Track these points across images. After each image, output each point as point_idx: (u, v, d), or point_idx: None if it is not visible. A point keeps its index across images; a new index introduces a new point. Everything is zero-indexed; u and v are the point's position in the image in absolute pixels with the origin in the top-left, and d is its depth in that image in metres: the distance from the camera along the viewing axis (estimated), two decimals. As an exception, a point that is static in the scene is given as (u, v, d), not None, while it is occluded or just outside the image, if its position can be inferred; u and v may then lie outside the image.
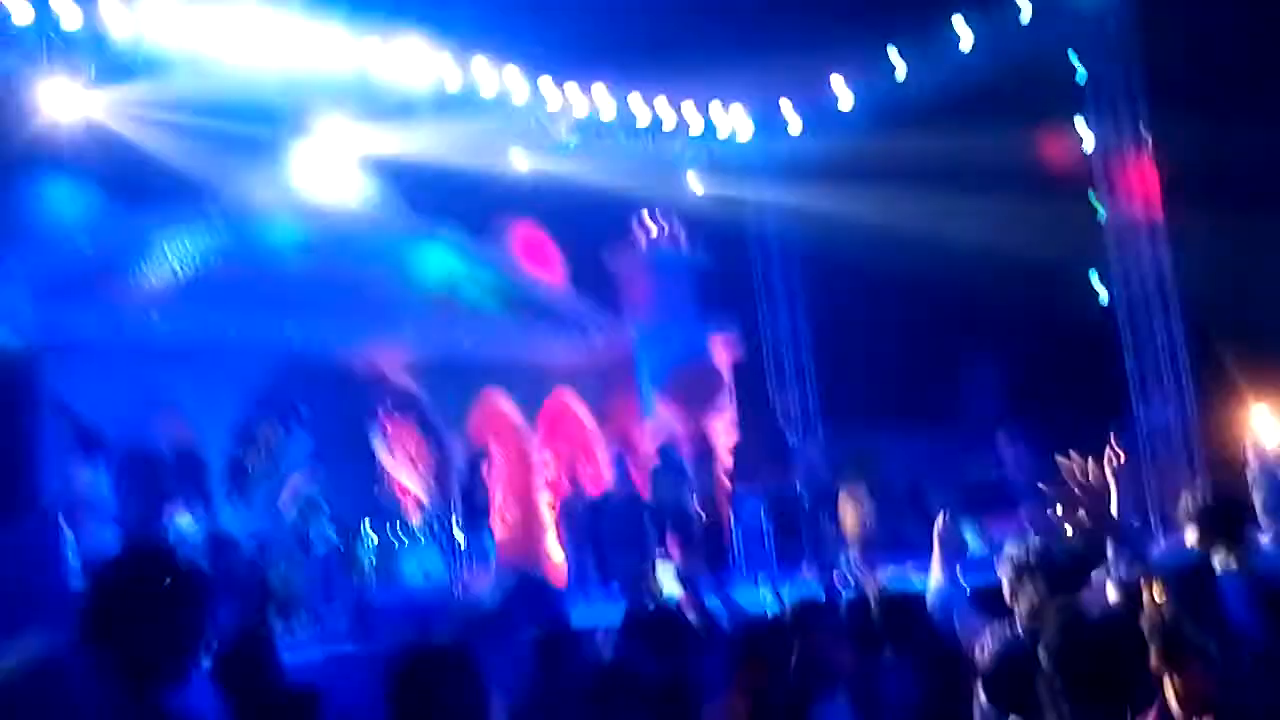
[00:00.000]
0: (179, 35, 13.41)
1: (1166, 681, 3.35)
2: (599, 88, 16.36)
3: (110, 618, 2.75)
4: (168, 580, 2.85)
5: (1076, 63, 15.21)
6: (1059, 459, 7.75)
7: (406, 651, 3.60)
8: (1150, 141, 14.86)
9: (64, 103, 12.93)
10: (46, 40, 12.84)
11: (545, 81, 15.98)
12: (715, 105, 17.67)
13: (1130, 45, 14.95)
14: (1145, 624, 3.59)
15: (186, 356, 13.40)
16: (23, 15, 12.39)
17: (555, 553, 15.54)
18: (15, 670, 2.65)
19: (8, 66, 12.73)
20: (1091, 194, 15.36)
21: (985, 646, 4.40)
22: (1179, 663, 3.27)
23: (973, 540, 13.77)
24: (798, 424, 18.34)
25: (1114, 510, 6.06)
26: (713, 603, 5.95)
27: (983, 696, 3.80)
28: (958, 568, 5.18)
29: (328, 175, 15.21)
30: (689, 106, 17.46)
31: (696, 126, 17.78)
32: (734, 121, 18.04)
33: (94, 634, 2.73)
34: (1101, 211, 15.22)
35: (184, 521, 12.09)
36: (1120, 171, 15.10)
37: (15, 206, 13.13)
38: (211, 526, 11.83)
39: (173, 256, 13.90)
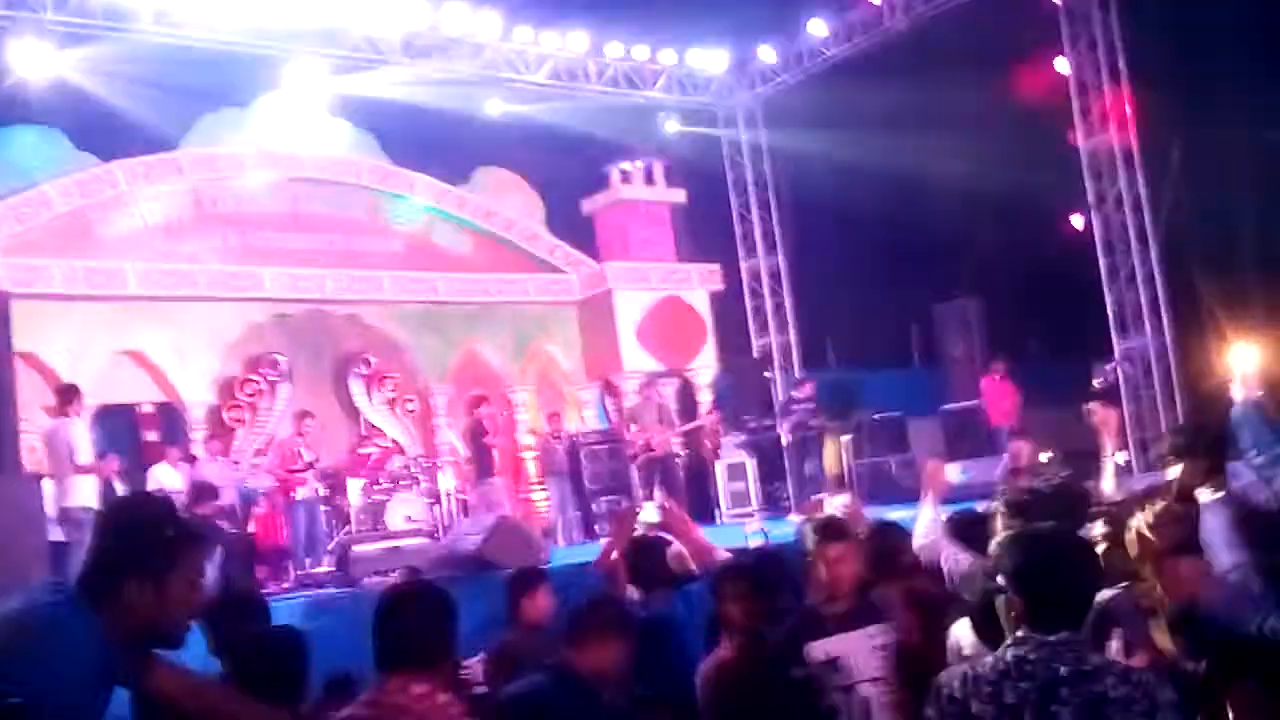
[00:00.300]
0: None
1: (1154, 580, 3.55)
2: (576, 34, 16.22)
3: (114, 571, 2.73)
4: (170, 532, 2.83)
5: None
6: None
7: (390, 589, 3.73)
8: (1126, 71, 14.78)
9: (33, 59, 12.78)
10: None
11: (523, 30, 15.85)
12: (693, 50, 17.53)
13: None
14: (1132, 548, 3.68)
15: (161, 307, 13.31)
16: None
17: (536, 494, 15.59)
18: (18, 625, 2.61)
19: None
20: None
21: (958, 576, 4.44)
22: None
23: (957, 478, 13.88)
24: (775, 365, 18.36)
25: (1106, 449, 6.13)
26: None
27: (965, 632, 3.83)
28: (940, 508, 5.19)
29: (303, 123, 15.05)
30: (667, 53, 17.33)
31: (674, 70, 17.67)
32: (710, 63, 17.91)
33: (97, 588, 2.72)
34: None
35: (163, 473, 12.07)
36: (1097, 102, 15.03)
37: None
38: (192, 476, 11.80)
39: (143, 206, 13.75)
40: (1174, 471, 4.40)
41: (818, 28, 17.01)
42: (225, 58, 14.26)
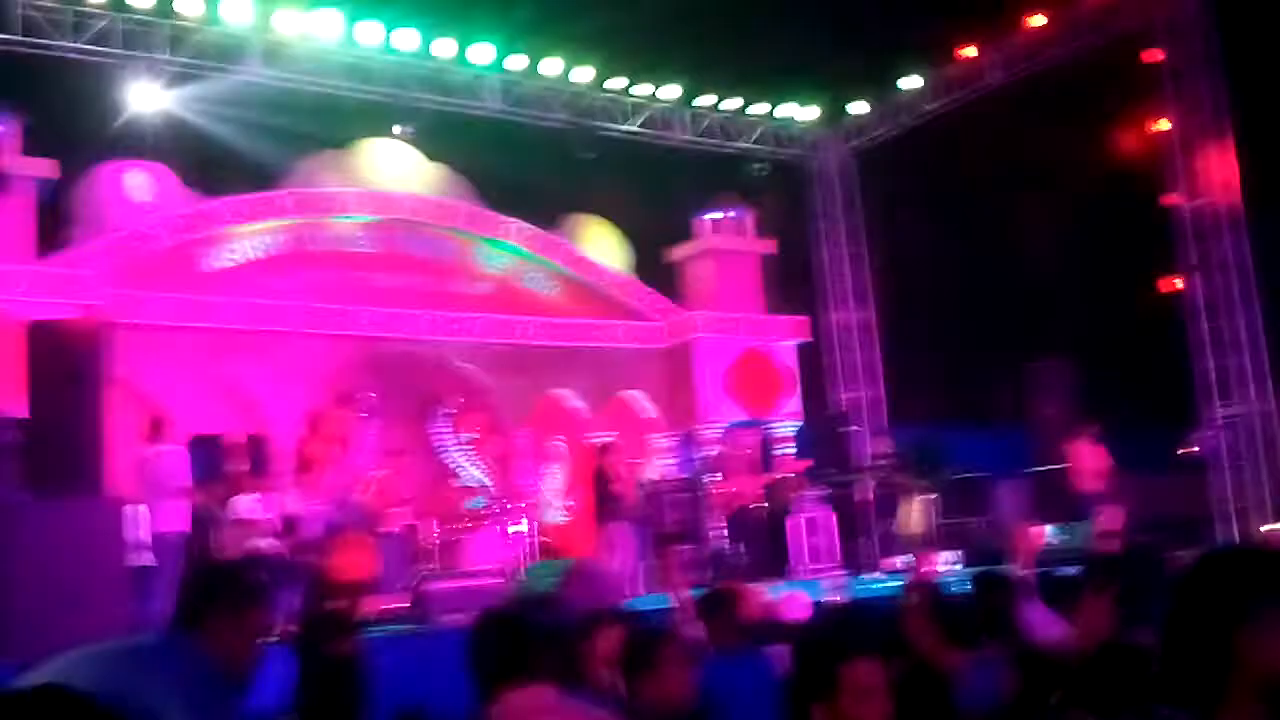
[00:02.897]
0: (254, 25, 13.71)
1: None
2: (670, 85, 16.39)
3: (202, 612, 3.02)
4: (254, 586, 3.14)
5: (1154, 48, 14.84)
6: None
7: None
8: (1233, 130, 14.47)
9: (146, 98, 13.27)
10: (123, 30, 13.21)
11: (618, 79, 16.07)
12: (786, 104, 17.61)
13: (1210, 29, 14.59)
14: None
15: (257, 341, 13.62)
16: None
17: (615, 541, 15.52)
18: (118, 651, 2.86)
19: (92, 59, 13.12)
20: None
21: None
22: None
23: (1050, 540, 13.59)
24: (862, 419, 18.17)
25: None
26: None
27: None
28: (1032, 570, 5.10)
29: (400, 165, 15.38)
30: (759, 105, 17.43)
31: (766, 122, 17.75)
32: (803, 116, 17.96)
33: (188, 622, 3.01)
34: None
35: (248, 503, 12.27)
36: (1200, 162, 14.71)
37: (97, 193, 13.49)
38: (278, 508, 11.98)
39: (245, 242, 14.13)
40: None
41: (911, 82, 16.96)
42: (329, 100, 14.70)
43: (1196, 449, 14.54)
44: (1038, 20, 15.50)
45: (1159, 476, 15.60)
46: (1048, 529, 14.03)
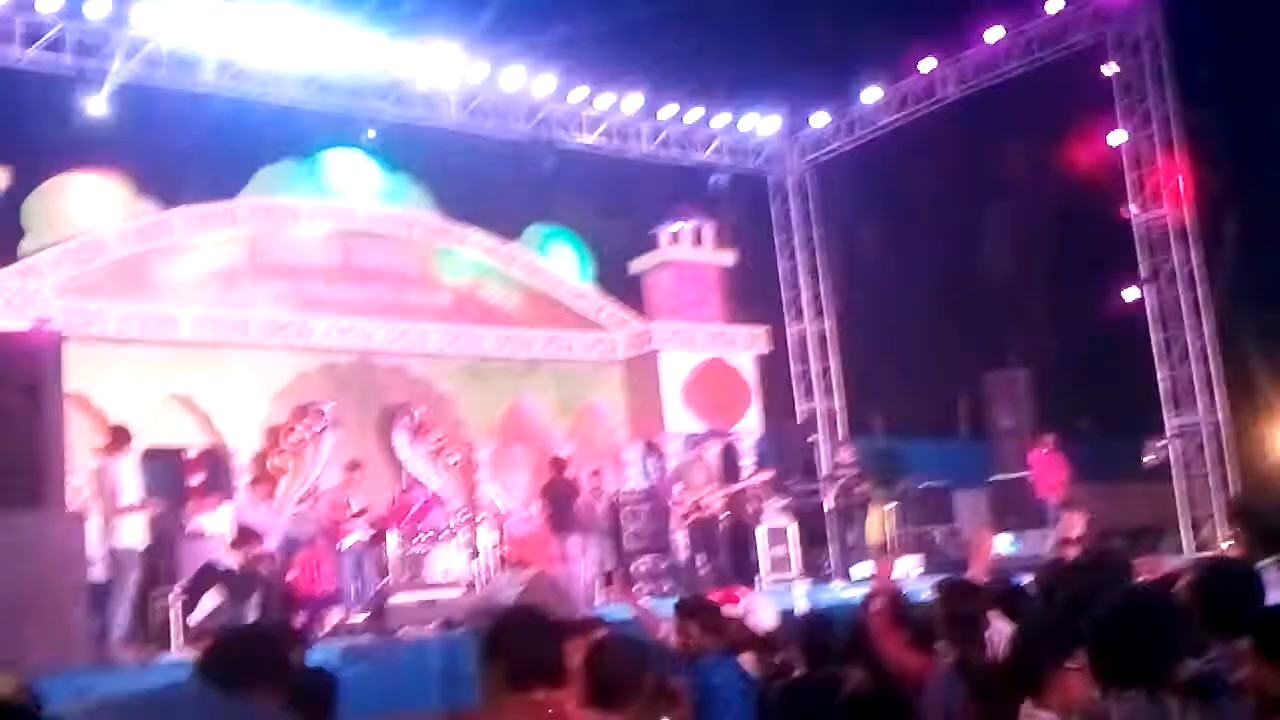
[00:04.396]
0: (210, 36, 13.58)
1: None
2: (631, 96, 16.41)
3: (240, 679, 3.16)
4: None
5: (1107, 62, 15.03)
6: None
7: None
8: (1181, 144, 14.66)
9: (98, 106, 13.10)
10: (77, 40, 13.05)
11: (578, 90, 16.06)
12: (747, 115, 17.69)
13: (1160, 43, 14.79)
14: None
15: (211, 352, 13.46)
16: (49, 5, 12.62)
17: (574, 552, 15.47)
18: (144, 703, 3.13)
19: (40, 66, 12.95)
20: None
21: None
22: None
23: (1006, 549, 13.69)
24: (822, 429, 18.23)
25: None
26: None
27: None
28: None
29: (358, 176, 15.28)
30: (720, 117, 17.49)
31: (726, 134, 17.82)
32: (763, 128, 18.05)
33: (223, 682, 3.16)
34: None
35: (208, 517, 12.12)
36: (1151, 175, 14.90)
37: (49, 203, 13.29)
38: (235, 520, 11.84)
39: (200, 253, 13.97)
40: (1233, 544, 4.32)
41: (873, 95, 17.07)
42: (286, 111, 14.59)
43: (1152, 458, 14.70)
44: (995, 34, 15.66)
45: (1120, 485, 15.79)
46: (1007, 537, 14.15)
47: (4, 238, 12.76)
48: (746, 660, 5.36)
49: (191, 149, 14.00)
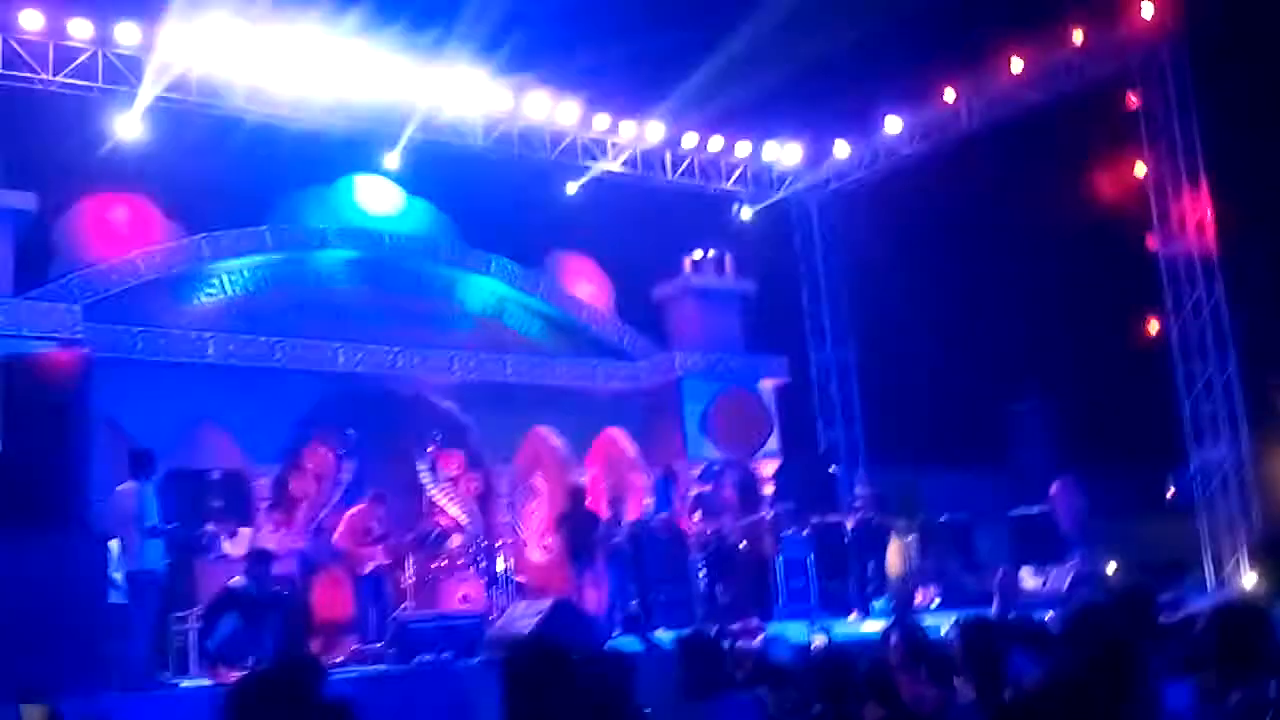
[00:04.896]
0: (238, 61, 13.74)
1: None
2: (654, 124, 16.49)
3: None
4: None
5: (1131, 93, 14.99)
6: None
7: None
8: (1206, 175, 14.58)
9: (128, 130, 13.27)
10: (107, 64, 13.22)
11: (602, 118, 16.16)
12: (769, 144, 17.74)
13: (1185, 76, 14.75)
14: None
15: (236, 376, 13.54)
16: (81, 31, 12.80)
17: (594, 581, 15.44)
18: None
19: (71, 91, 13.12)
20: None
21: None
22: None
23: (1030, 583, 13.59)
24: (844, 460, 18.16)
25: None
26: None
27: None
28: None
29: (384, 202, 15.39)
30: (742, 145, 17.55)
31: (749, 162, 17.87)
32: (785, 157, 18.09)
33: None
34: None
35: (228, 541, 12.16)
36: (1176, 206, 14.81)
37: (78, 226, 13.43)
38: (254, 545, 11.87)
39: (226, 277, 14.09)
40: (1251, 579, 4.29)
41: (895, 125, 17.08)
42: (313, 136, 14.72)
43: (1174, 492, 14.59)
44: (1017, 64, 15.66)
45: (1143, 520, 15.65)
46: (1032, 571, 14.04)
47: (33, 260, 12.90)
48: (763, 696, 5.33)
49: (219, 173, 14.13)
